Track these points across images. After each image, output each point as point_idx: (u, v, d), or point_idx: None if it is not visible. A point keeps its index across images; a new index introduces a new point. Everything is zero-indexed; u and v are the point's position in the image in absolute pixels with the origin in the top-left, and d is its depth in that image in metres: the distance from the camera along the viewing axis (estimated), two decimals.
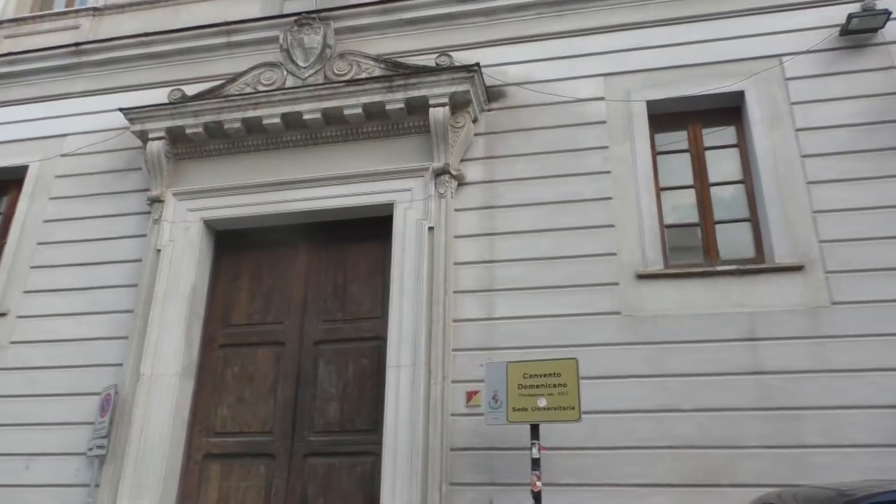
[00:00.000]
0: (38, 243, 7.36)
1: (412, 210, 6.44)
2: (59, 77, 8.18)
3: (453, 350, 5.93)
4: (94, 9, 8.49)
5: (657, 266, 5.89)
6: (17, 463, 6.42)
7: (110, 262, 7.04)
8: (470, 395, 5.76)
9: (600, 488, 5.32)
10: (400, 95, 6.54)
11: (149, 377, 6.35)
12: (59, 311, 6.94)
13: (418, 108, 6.56)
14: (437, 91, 6.45)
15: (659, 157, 6.46)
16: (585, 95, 6.60)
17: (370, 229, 6.77)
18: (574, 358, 5.07)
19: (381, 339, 6.30)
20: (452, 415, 5.72)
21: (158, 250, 6.83)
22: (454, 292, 6.12)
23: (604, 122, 6.46)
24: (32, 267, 7.25)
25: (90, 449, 6.19)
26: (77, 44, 8.11)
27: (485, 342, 5.91)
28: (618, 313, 5.78)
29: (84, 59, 8.08)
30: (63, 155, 7.73)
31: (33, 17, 8.74)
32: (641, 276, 5.85)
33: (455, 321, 6.02)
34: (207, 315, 6.87)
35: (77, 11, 8.58)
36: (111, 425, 6.18)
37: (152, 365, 6.40)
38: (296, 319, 6.71)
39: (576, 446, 5.41)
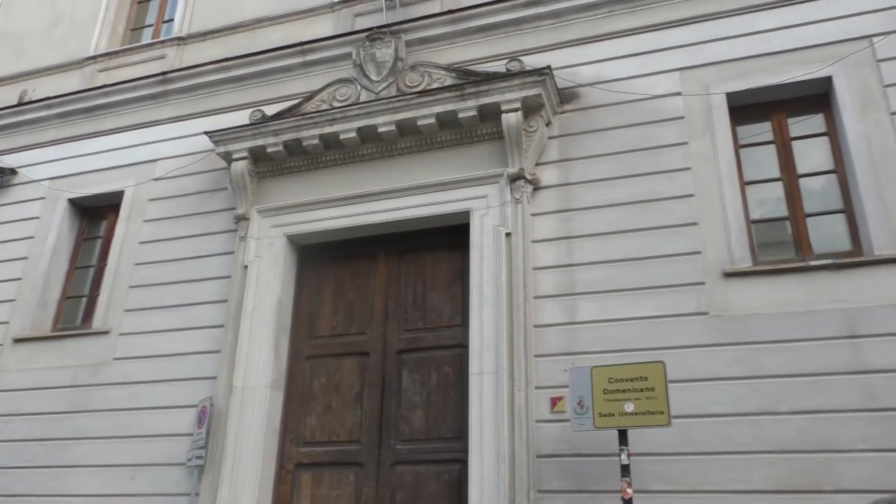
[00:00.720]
0: (136, 264, 7.75)
1: (489, 217, 6.44)
2: (148, 105, 8.62)
3: (535, 356, 5.88)
4: (179, 38, 8.91)
5: (745, 263, 5.67)
6: (123, 473, 6.77)
7: (202, 280, 7.34)
8: (554, 401, 5.69)
9: (695, 495, 5.14)
10: (472, 103, 6.56)
11: (241, 389, 6.58)
12: (157, 328, 7.28)
13: (490, 114, 6.56)
14: (509, 96, 6.44)
15: (742, 151, 6.23)
16: (661, 91, 6.44)
17: (447, 238, 6.81)
18: (661, 361, 4.94)
19: (463, 346, 6.32)
20: (537, 421, 5.67)
21: (245, 266, 7.08)
22: (534, 297, 6.07)
23: (682, 117, 6.29)
24: (131, 287, 7.64)
25: (189, 459, 6.45)
26: (164, 73, 8.53)
27: (567, 347, 5.84)
28: (705, 314, 5.59)
29: (171, 86, 8.48)
30: (155, 179, 8.13)
31: (124, 51, 9.25)
32: (729, 275, 5.64)
33: (536, 327, 5.97)
34: (293, 327, 7.07)
35: (163, 42, 9.03)
36: (208, 436, 6.43)
37: (244, 377, 6.63)
38: (378, 330, 6.82)
39: (666, 452, 5.26)
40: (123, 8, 9.78)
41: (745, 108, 6.29)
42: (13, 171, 8.93)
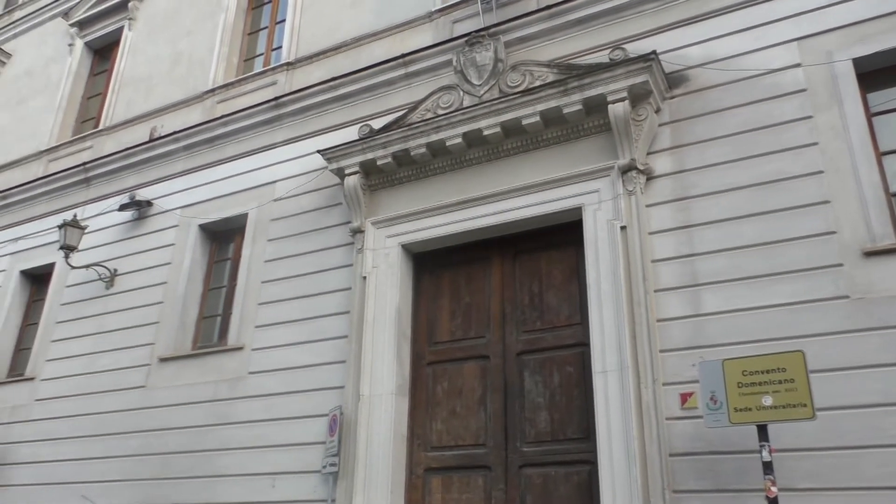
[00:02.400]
0: (263, 282, 8.14)
1: (601, 211, 6.30)
2: (264, 130, 9.05)
3: (660, 351, 5.67)
4: (288, 63, 9.31)
5: (888, 240, 5.21)
6: (264, 482, 7.11)
7: (324, 293, 7.61)
8: (685, 397, 5.47)
9: (846, 493, 4.78)
10: (576, 97, 6.44)
11: (368, 397, 6.76)
12: (286, 342, 7.61)
13: (596, 106, 6.41)
14: (614, 86, 6.27)
15: (875, 119, 5.75)
16: (779, 65, 6.06)
17: (560, 236, 6.72)
18: (800, 350, 4.64)
19: (584, 345, 6.20)
20: (667, 419, 5.47)
21: (364, 277, 7.28)
22: (655, 291, 5.87)
23: (803, 90, 5.89)
24: (260, 304, 8.03)
25: (324, 467, 6.69)
26: (276, 98, 8.94)
27: (694, 340, 5.60)
28: (845, 297, 5.19)
29: (283, 110, 8.87)
30: (275, 200, 8.52)
31: (238, 81, 9.77)
32: (870, 254, 5.21)
33: (659, 321, 5.77)
34: (413, 334, 7.19)
35: (273, 69, 9.46)
36: (340, 444, 6.65)
37: (370, 385, 6.81)
38: (496, 332, 6.81)
39: (812, 447, 4.92)
40: (235, 41, 10.33)
41: (875, 73, 5.81)
42: (149, 203, 9.63)
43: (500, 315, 6.87)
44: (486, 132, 6.87)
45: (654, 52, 6.27)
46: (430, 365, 7.06)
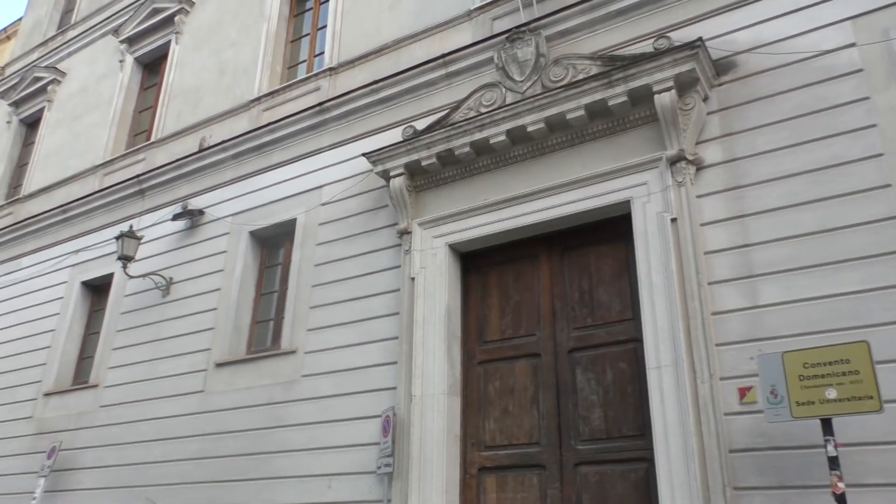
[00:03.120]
0: (313, 285, 8.24)
1: (651, 204, 6.18)
2: (309, 136, 9.16)
3: (716, 345, 5.54)
4: (330, 69, 9.40)
5: None
6: (320, 483, 7.19)
7: (374, 295, 7.66)
8: (743, 392, 5.33)
9: None
10: (621, 89, 6.33)
11: (420, 397, 6.77)
12: (338, 344, 7.68)
13: (642, 97, 6.30)
14: (660, 76, 6.14)
15: None
16: (832, 45, 5.85)
17: (609, 230, 6.62)
18: (864, 341, 4.47)
19: (637, 340, 6.10)
20: (726, 414, 5.33)
21: (412, 278, 7.30)
22: (708, 284, 5.73)
23: (859, 70, 5.67)
24: (311, 307, 8.13)
25: (379, 468, 6.73)
26: (320, 103, 9.03)
27: (751, 333, 5.44)
28: None
29: (327, 115, 8.97)
30: (322, 204, 8.61)
31: (283, 88, 9.91)
32: None
33: (714, 314, 5.63)
34: (463, 334, 7.18)
35: (317, 75, 9.56)
36: (394, 444, 6.68)
37: (422, 386, 6.82)
38: (547, 330, 6.75)
39: (881, 441, 4.73)
40: (279, 49, 10.49)
41: None
42: (201, 212, 9.84)
43: (550, 312, 6.81)
44: (530, 128, 6.81)
45: (699, 39, 6.12)
46: (481, 364, 7.04)
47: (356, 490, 6.93)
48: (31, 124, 14.71)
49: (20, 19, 17.36)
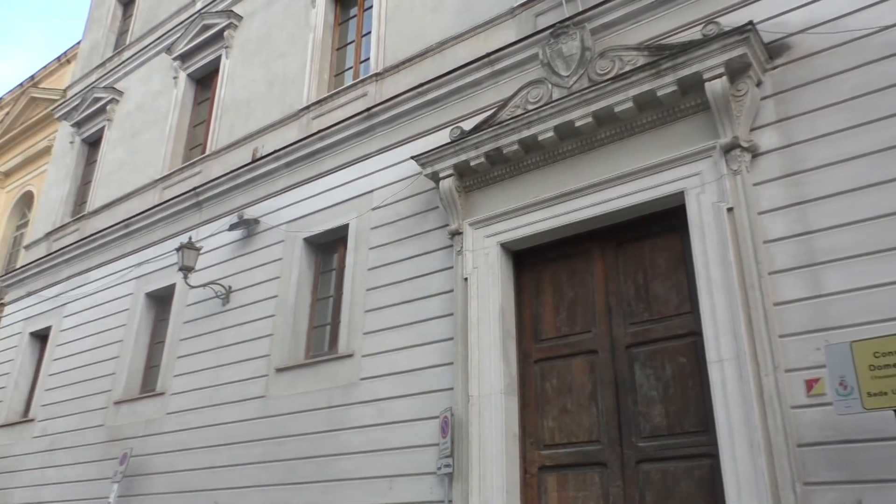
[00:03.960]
0: (367, 289, 8.33)
1: (705, 194, 6.05)
2: (358, 141, 9.27)
3: (780, 336, 5.38)
4: (376, 74, 9.49)
5: None
6: (381, 484, 7.26)
7: (427, 297, 7.70)
8: (810, 384, 5.16)
9: None
10: (669, 78, 6.21)
11: (477, 397, 6.78)
12: (394, 347, 7.75)
13: (692, 86, 6.17)
14: (710, 63, 6.00)
15: None
16: (891, 21, 5.61)
17: (663, 223, 6.51)
18: None
19: (696, 334, 5.97)
20: (793, 407, 5.17)
21: (465, 279, 7.31)
22: (769, 274, 5.57)
23: None
24: (366, 311, 8.22)
25: (439, 468, 6.75)
26: (368, 109, 9.13)
27: (816, 323, 5.27)
28: None
29: (375, 120, 9.05)
30: (373, 209, 8.70)
31: (331, 96, 10.05)
32: None
33: (776, 305, 5.47)
34: (518, 333, 7.15)
35: (363, 81, 9.67)
36: (453, 445, 6.69)
37: (478, 386, 6.82)
38: (603, 326, 6.67)
39: None
40: (325, 58, 10.64)
41: None
42: (256, 221, 10.06)
43: (605, 308, 6.73)
44: (578, 123, 6.74)
45: (750, 23, 5.96)
46: (538, 362, 7.00)
47: (417, 491, 6.97)
48: (93, 143, 15.27)
49: (78, 43, 18.04)
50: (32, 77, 20.29)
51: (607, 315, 6.69)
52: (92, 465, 10.70)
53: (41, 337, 13.52)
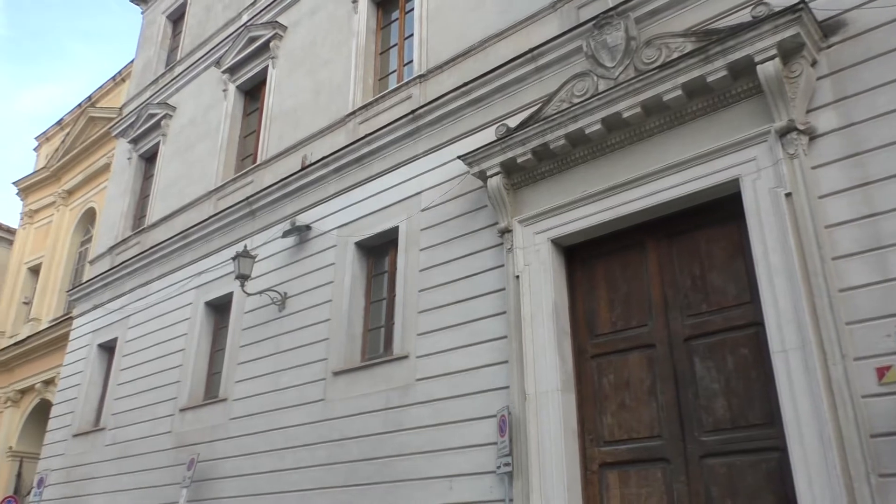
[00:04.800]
0: (420, 290, 8.37)
1: (761, 180, 5.88)
2: (405, 143, 9.32)
3: (846, 323, 5.20)
4: (420, 76, 9.53)
5: None
6: (441, 484, 7.29)
7: (480, 296, 7.69)
8: (881, 372, 4.97)
9: None
10: (719, 63, 6.06)
11: (534, 395, 6.74)
12: (448, 347, 7.76)
13: (743, 70, 6.00)
14: (761, 45, 5.83)
15: None
16: None
17: (717, 211, 6.36)
18: None
19: (758, 324, 5.82)
20: (863, 396, 4.99)
21: (517, 277, 7.27)
22: (832, 259, 5.39)
23: None
24: (419, 312, 8.26)
25: (498, 467, 6.74)
26: (413, 111, 9.17)
27: (885, 308, 5.07)
28: None
29: (420, 122, 9.09)
30: (422, 210, 8.73)
31: (376, 100, 10.13)
32: None
33: (841, 291, 5.29)
34: (573, 329, 7.08)
35: (407, 84, 9.72)
36: (511, 444, 6.67)
37: (534, 384, 6.78)
38: (660, 319, 6.56)
39: None
40: (369, 63, 10.74)
41: None
42: (308, 227, 10.22)
43: (661, 301, 6.61)
44: (625, 114, 6.64)
45: (802, 2, 5.76)
46: (594, 358, 6.92)
47: (477, 490, 6.97)
48: (149, 158, 15.75)
49: (132, 62, 18.63)
50: (90, 97, 21.07)
51: (664, 308, 6.57)
52: (162, 471, 11.03)
53: (108, 348, 14.01)
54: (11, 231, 24.37)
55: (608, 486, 6.46)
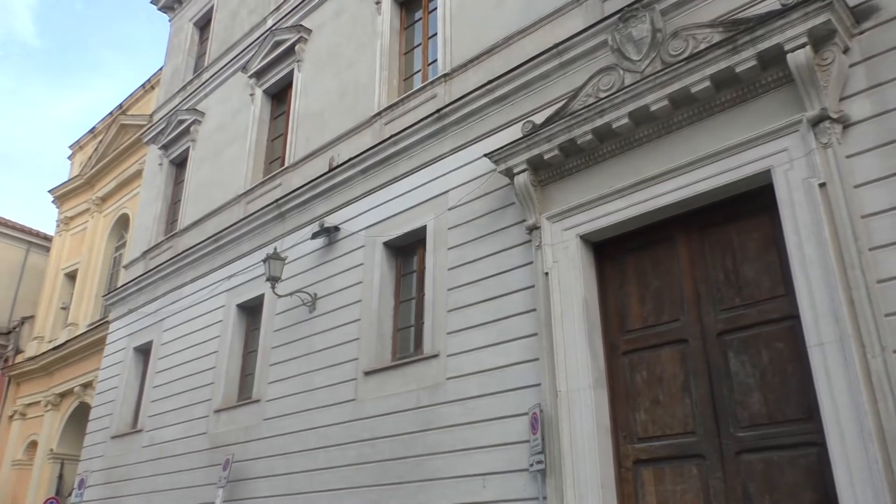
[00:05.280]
0: (448, 289, 8.37)
1: (794, 171, 5.78)
2: (431, 143, 9.33)
3: (885, 315, 5.08)
4: (444, 75, 9.53)
5: None
6: (474, 483, 7.28)
7: (509, 294, 7.67)
8: None
9: None
10: (748, 53, 5.96)
11: (565, 393, 6.70)
12: (478, 345, 7.75)
13: (773, 59, 5.90)
14: (791, 33, 5.73)
15: None
16: None
17: (749, 203, 6.26)
18: None
19: (793, 317, 5.72)
20: None
21: (546, 273, 7.24)
22: (869, 250, 5.27)
23: None
24: (449, 311, 8.26)
25: (531, 465, 6.71)
26: (438, 110, 9.18)
27: None
28: None
29: (446, 121, 9.09)
30: (450, 209, 8.73)
31: (401, 100, 10.16)
32: None
33: (880, 282, 5.17)
34: (604, 325, 7.03)
35: (431, 83, 9.73)
36: (543, 441, 6.64)
37: (566, 381, 6.74)
38: (692, 314, 6.48)
39: None
40: (394, 63, 10.77)
41: None
42: (336, 228, 10.28)
43: (693, 295, 6.53)
44: (653, 107, 6.57)
45: None
46: (626, 354, 6.86)
47: (510, 488, 6.95)
48: (180, 164, 15.98)
49: (161, 69, 18.92)
50: (121, 105, 21.44)
51: (696, 302, 6.49)
52: (198, 472, 11.20)
53: (144, 351, 14.26)
54: (48, 238, 24.91)
55: (643, 483, 6.40)
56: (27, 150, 75.36)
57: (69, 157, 24.87)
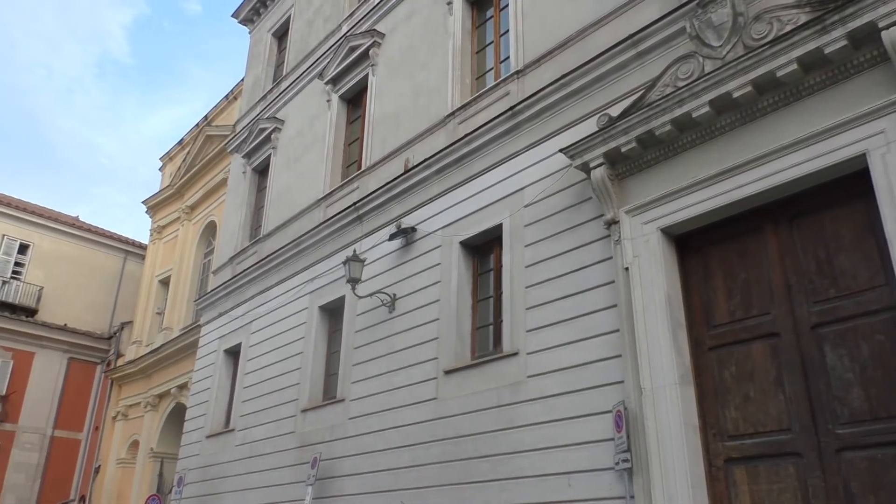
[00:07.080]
0: (526, 287, 8.32)
1: (892, 154, 5.46)
2: (505, 140, 9.31)
3: None
4: (517, 72, 9.48)
5: None
6: (560, 481, 7.21)
7: (588, 290, 7.56)
8: None
9: None
10: (838, 32, 5.67)
11: (650, 389, 6.55)
12: (558, 343, 7.68)
13: (865, 38, 5.59)
14: (886, 9, 5.40)
15: None
16: None
17: (842, 190, 5.96)
18: None
19: (893, 308, 5.41)
20: None
21: (626, 268, 7.10)
22: None
23: None
24: (527, 308, 8.21)
25: (617, 464, 6.60)
26: (511, 107, 9.14)
27: None
28: None
29: (520, 118, 9.05)
30: (525, 206, 8.68)
31: (474, 99, 10.17)
32: None
33: None
34: (688, 320, 6.83)
35: (504, 81, 9.70)
36: (629, 439, 6.52)
37: (650, 377, 6.59)
38: (783, 307, 6.21)
39: None
40: (465, 63, 10.79)
41: None
42: (413, 229, 10.39)
43: (784, 287, 6.26)
44: (735, 94, 6.34)
45: None
46: (713, 350, 6.64)
47: (596, 487, 6.86)
48: (262, 171, 16.51)
49: (242, 80, 19.59)
50: (206, 117, 22.36)
51: (787, 295, 6.22)
52: (287, 470, 11.53)
53: (234, 353, 14.80)
54: (143, 247, 26.24)
55: (735, 482, 6.18)
56: (123, 163, 79.66)
57: (160, 169, 26.12)
